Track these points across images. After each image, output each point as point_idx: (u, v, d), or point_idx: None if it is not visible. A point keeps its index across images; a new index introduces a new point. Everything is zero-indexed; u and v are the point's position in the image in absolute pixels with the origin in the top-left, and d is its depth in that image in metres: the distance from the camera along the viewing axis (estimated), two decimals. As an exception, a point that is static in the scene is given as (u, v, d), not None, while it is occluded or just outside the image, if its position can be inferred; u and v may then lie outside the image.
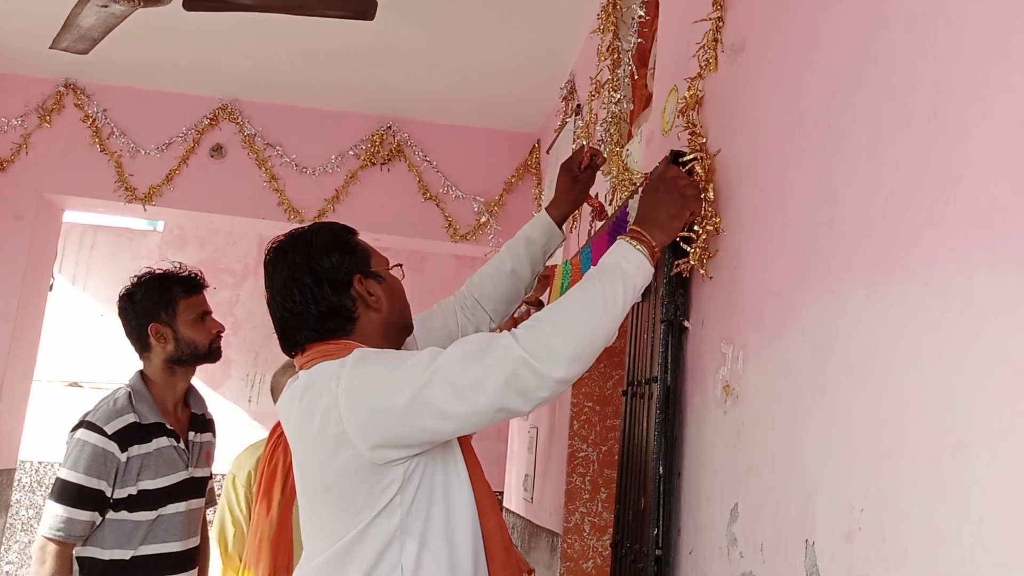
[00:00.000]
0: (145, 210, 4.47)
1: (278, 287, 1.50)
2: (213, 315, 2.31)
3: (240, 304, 6.25)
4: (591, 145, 1.84)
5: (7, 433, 4.31)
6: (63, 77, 4.43)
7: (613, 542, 1.91)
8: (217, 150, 4.48)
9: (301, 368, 1.49)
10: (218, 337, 2.27)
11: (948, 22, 0.95)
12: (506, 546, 1.46)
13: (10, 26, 3.90)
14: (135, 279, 2.24)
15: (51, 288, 4.74)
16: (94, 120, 4.43)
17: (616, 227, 2.04)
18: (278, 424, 2.85)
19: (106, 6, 2.67)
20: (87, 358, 6.14)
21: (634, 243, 1.45)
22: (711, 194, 1.57)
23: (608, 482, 3.14)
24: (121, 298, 2.24)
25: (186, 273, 2.27)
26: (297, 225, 1.68)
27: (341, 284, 1.47)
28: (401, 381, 1.33)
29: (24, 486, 6.14)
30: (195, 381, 3.14)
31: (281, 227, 4.39)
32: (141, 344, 2.22)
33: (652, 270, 1.47)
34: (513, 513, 4.29)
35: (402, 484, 1.36)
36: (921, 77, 0.98)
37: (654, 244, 1.47)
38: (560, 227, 1.83)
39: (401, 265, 1.58)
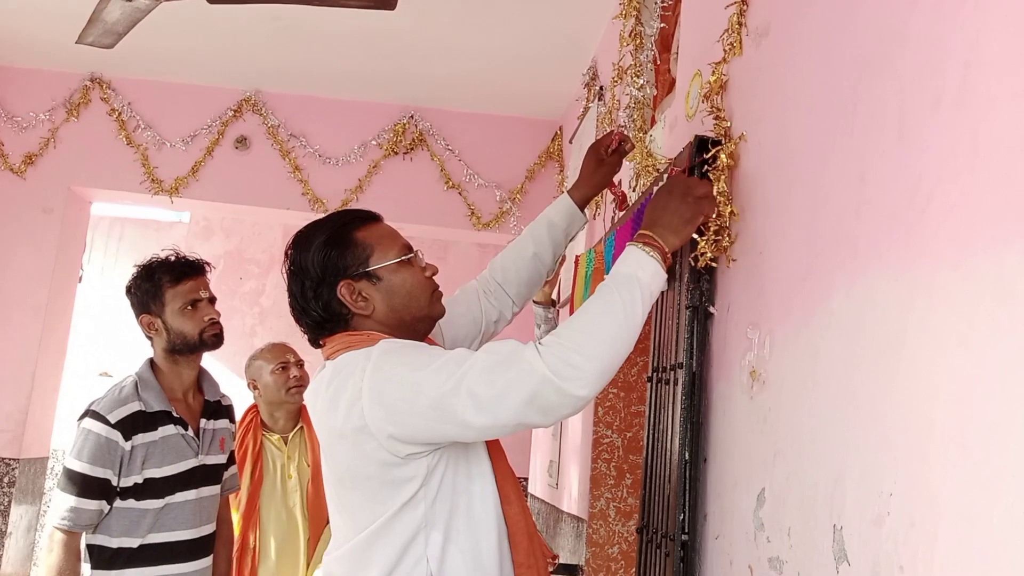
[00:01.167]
0: (172, 202, 4.52)
1: (287, 285, 1.52)
2: (211, 300, 2.23)
3: (266, 294, 6.31)
4: (621, 130, 1.81)
5: (40, 423, 4.39)
6: (89, 71, 4.48)
7: (639, 527, 1.91)
8: (241, 141, 4.51)
9: (327, 359, 1.50)
10: (212, 325, 2.20)
11: (977, 1, 0.93)
12: (529, 533, 1.46)
13: (36, 21, 3.95)
14: (134, 270, 2.21)
15: (80, 280, 4.81)
16: (120, 113, 4.48)
17: (640, 215, 2.03)
18: (248, 411, 2.95)
19: (131, 0, 2.70)
20: (116, 348, 6.23)
21: (647, 249, 1.43)
22: (723, 185, 1.56)
23: (633, 468, 3.14)
24: (125, 291, 2.23)
25: (176, 259, 2.19)
26: (322, 215, 1.66)
27: (326, 289, 1.45)
28: (425, 383, 1.32)
29: (57, 474, 6.26)
30: (221, 368, 3.18)
31: (305, 217, 4.42)
32: (144, 335, 2.22)
33: (665, 276, 1.45)
34: (538, 499, 4.30)
35: (426, 477, 1.37)
36: (950, 58, 0.97)
37: (666, 249, 1.45)
38: (582, 210, 1.81)
39: (416, 251, 1.53)
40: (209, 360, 2.35)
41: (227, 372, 6.17)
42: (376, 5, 2.77)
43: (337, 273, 1.46)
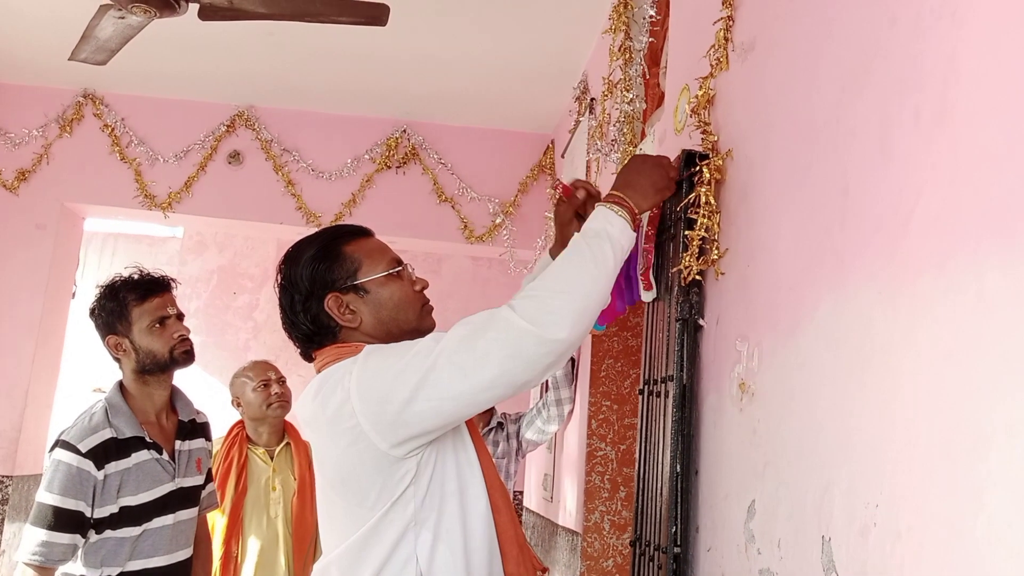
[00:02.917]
0: (165, 217, 4.53)
1: (278, 299, 1.54)
2: (179, 316, 2.15)
3: (259, 308, 6.31)
4: (575, 180, 1.76)
5: (33, 439, 4.37)
6: (82, 88, 4.49)
7: (632, 540, 1.92)
8: (234, 156, 4.52)
9: (318, 371, 1.51)
10: (182, 341, 2.12)
11: (955, 18, 0.95)
12: (520, 543, 1.46)
13: (30, 38, 3.96)
14: (96, 291, 2.14)
15: (74, 296, 4.80)
16: (113, 129, 4.49)
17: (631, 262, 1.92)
18: (234, 425, 3.02)
19: (123, 17, 2.71)
20: (110, 364, 6.21)
21: (615, 208, 1.48)
22: (711, 199, 1.59)
23: (627, 480, 3.14)
24: (88, 314, 2.15)
25: (140, 276, 2.12)
26: (315, 229, 1.67)
27: (314, 303, 1.47)
28: (408, 367, 1.34)
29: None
30: (215, 383, 3.16)
31: (299, 231, 4.44)
32: (111, 357, 2.16)
33: (634, 235, 1.49)
34: (533, 512, 4.30)
35: (415, 475, 1.38)
36: (930, 73, 0.99)
37: (635, 210, 1.49)
38: None
39: (405, 265, 1.54)
40: (201, 376, 2.32)
41: (220, 387, 6.17)
42: (367, 21, 2.79)
43: (325, 286, 1.48)
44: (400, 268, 1.53)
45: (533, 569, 1.48)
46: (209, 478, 2.33)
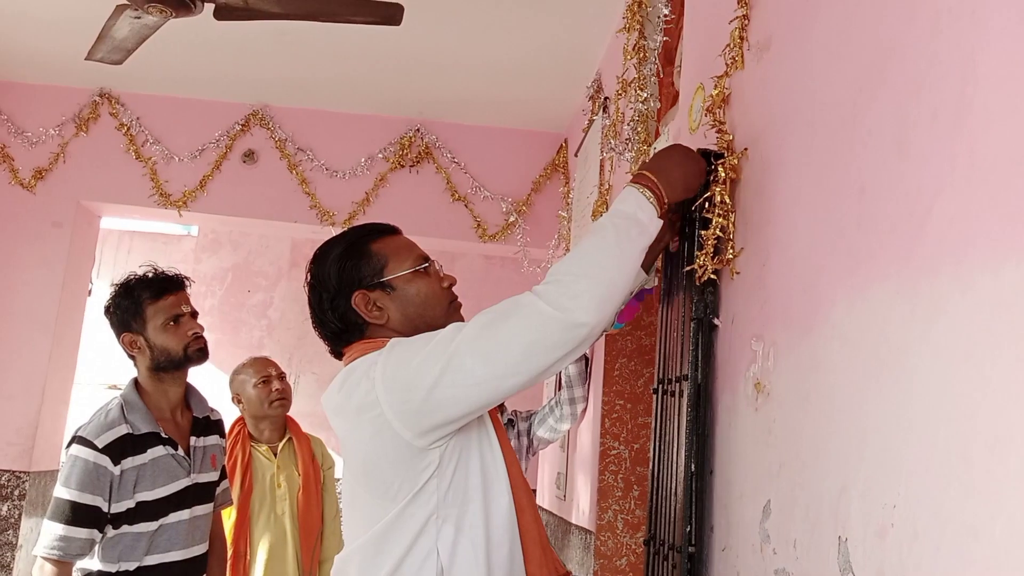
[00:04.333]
0: (180, 215, 4.56)
1: (307, 298, 1.55)
2: (193, 314, 2.18)
3: (274, 306, 6.33)
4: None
5: (49, 435, 4.41)
6: (98, 87, 4.53)
7: (646, 539, 1.92)
8: (249, 155, 4.54)
9: (346, 366, 1.52)
10: (196, 339, 2.15)
11: (973, 17, 0.94)
12: (543, 543, 1.46)
13: (47, 38, 4.00)
14: (112, 289, 2.17)
15: (90, 293, 4.84)
16: (129, 128, 4.52)
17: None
18: (235, 423, 3.00)
19: (139, 17, 2.73)
20: (126, 361, 6.25)
21: (647, 193, 1.45)
22: (727, 198, 1.58)
23: (640, 480, 3.14)
24: (103, 311, 2.18)
25: (155, 275, 2.15)
26: (329, 228, 1.69)
27: (342, 300, 1.49)
28: (431, 355, 1.34)
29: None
30: (227, 381, 3.17)
31: (313, 230, 4.46)
32: (126, 355, 2.18)
33: (660, 223, 1.47)
34: (546, 511, 4.30)
35: (438, 467, 1.38)
36: (947, 72, 0.98)
37: (665, 200, 1.47)
38: (647, 270, 1.70)
39: (432, 262, 1.55)
40: (214, 374, 2.34)
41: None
42: (382, 21, 2.80)
43: (352, 284, 1.49)
44: (427, 265, 1.54)
45: (555, 572, 1.47)
46: (224, 475, 2.36)
